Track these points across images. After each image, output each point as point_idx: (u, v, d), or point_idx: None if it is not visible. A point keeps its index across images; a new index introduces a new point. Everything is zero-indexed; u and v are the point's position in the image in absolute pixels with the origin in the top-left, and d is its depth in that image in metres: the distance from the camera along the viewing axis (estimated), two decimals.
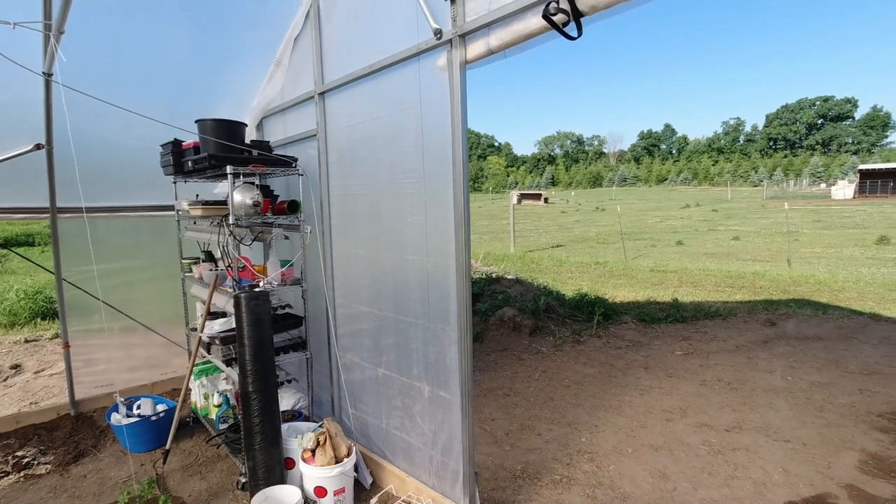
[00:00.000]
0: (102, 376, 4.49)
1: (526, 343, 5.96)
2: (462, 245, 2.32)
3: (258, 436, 2.82)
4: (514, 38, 1.98)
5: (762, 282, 9.89)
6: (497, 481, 3.09)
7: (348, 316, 3.26)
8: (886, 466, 3.15)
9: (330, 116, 3.19)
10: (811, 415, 3.91)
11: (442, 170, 2.38)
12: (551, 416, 4.01)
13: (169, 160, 3.37)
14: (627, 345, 5.85)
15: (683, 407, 4.11)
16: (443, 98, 2.31)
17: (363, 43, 2.84)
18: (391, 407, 2.97)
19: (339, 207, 3.22)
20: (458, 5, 2.16)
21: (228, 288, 3.17)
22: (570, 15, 1.72)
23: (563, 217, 33.97)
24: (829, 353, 5.37)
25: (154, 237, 4.55)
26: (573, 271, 11.97)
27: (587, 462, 3.29)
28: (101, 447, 3.77)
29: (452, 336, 2.45)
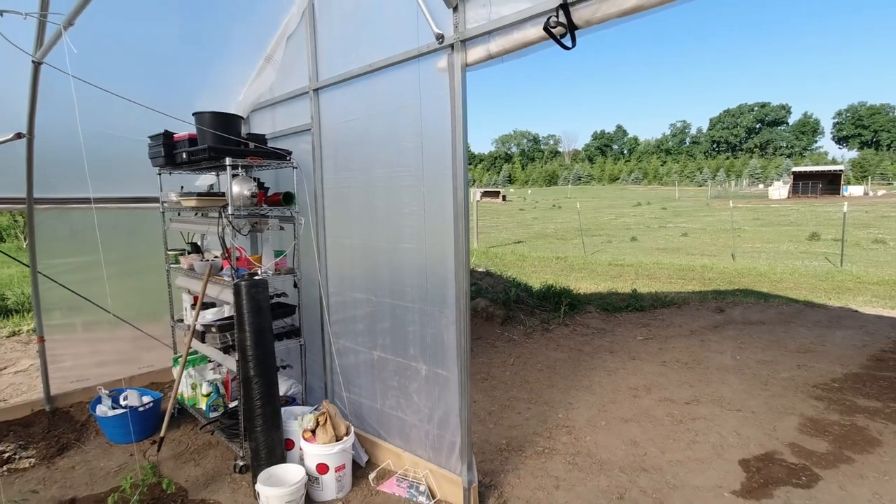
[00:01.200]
0: (74, 371, 4.41)
1: (498, 332, 6.24)
2: (461, 234, 2.52)
3: (259, 418, 2.93)
4: (513, 46, 2.21)
5: (710, 274, 10.63)
6: (485, 454, 3.33)
7: (342, 303, 3.41)
8: (821, 427, 3.62)
9: (324, 112, 3.32)
10: (758, 388, 4.37)
11: (442, 164, 2.57)
12: (528, 397, 4.29)
13: (159, 151, 3.40)
14: (593, 332, 6.23)
15: (647, 385, 4.49)
16: (443, 98, 2.51)
17: (360, 43, 2.99)
18: (386, 387, 3.15)
19: (333, 199, 3.36)
20: (460, 13, 2.36)
21: (226, 277, 3.25)
22: (567, 28, 1.96)
23: (522, 214, 34.74)
24: (771, 335, 5.94)
25: (132, 229, 4.51)
26: (536, 266, 12.41)
27: (565, 435, 3.58)
28: (85, 440, 3.74)
29: (450, 317, 2.66)
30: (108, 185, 4.24)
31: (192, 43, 3.57)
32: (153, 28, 3.32)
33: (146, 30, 3.31)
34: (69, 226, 4.21)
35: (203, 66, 3.76)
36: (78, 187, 4.01)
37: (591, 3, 1.91)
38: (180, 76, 3.78)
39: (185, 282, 3.81)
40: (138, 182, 4.27)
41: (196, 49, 3.62)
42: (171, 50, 3.56)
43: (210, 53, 3.67)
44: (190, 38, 3.52)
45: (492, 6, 2.25)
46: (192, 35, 3.51)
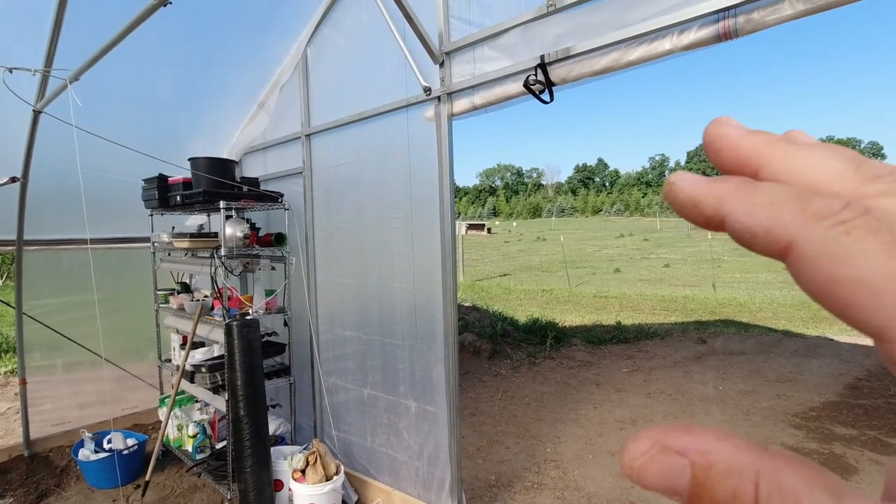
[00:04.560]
0: (55, 414, 4.33)
1: (486, 366, 6.28)
2: (449, 273, 2.64)
3: (249, 459, 2.93)
4: (496, 99, 2.38)
5: (692, 305, 10.85)
6: (474, 491, 3.34)
7: (332, 341, 3.46)
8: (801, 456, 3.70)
9: (316, 156, 3.46)
10: (740, 417, 4.47)
11: (429, 206, 2.70)
12: (516, 431, 4.32)
13: (153, 194, 3.48)
14: (579, 364, 6.31)
15: (633, 417, 4.56)
16: (430, 144, 2.66)
17: (351, 92, 3.16)
18: (376, 425, 3.18)
19: (324, 240, 3.46)
20: (446, 68, 2.55)
21: (217, 317, 3.29)
22: (545, 84, 2.14)
23: (507, 247, 35.08)
24: (752, 365, 6.08)
25: (118, 269, 4.53)
26: (522, 299, 12.52)
27: (553, 469, 3.61)
28: (66, 486, 3.66)
29: (439, 354, 2.73)
30: (99, 225, 4.29)
31: (187, 90, 3.72)
32: (150, 77, 3.45)
33: (143, 78, 3.45)
34: (57, 266, 4.22)
35: (198, 112, 3.90)
36: (69, 228, 4.06)
37: (566, 63, 2.09)
38: (175, 121, 3.91)
39: (174, 321, 3.83)
40: (129, 222, 4.33)
41: (191, 96, 3.76)
42: (167, 97, 3.69)
43: (205, 100, 3.81)
44: (185, 85, 3.67)
45: (476, 63, 2.44)
46: (188, 83, 3.65)
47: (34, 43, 2.64)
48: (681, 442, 0.17)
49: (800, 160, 0.19)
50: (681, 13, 1.76)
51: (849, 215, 0.16)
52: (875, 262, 0.15)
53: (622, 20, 1.93)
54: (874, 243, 0.15)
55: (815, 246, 0.16)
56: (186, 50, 3.42)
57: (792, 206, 0.17)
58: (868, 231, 0.15)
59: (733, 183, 0.19)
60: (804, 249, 0.16)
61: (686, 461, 0.16)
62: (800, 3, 1.53)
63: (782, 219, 0.17)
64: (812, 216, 0.16)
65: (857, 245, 0.15)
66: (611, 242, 35.34)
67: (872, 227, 0.15)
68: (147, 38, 2.97)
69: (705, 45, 1.76)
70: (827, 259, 0.15)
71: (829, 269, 0.15)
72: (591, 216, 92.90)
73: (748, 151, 0.20)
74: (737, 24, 1.66)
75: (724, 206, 0.18)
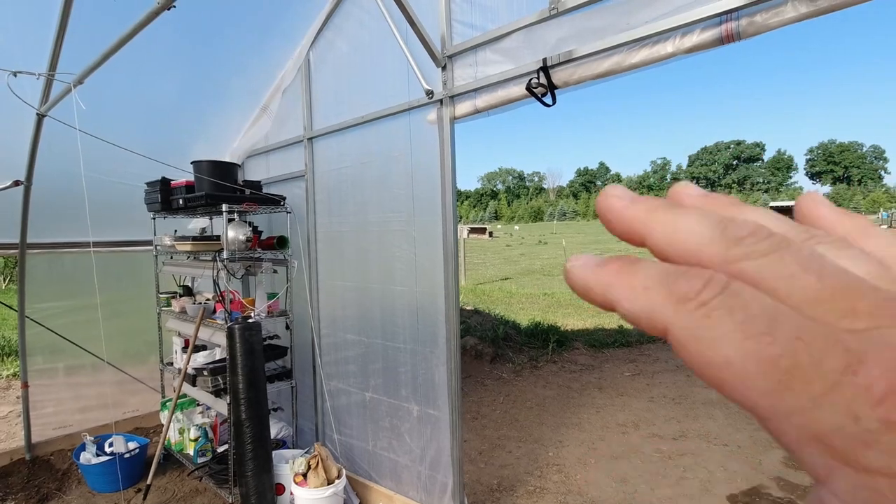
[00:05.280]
0: (56, 417, 4.33)
1: (488, 370, 6.26)
2: (451, 276, 2.63)
3: (251, 462, 2.93)
4: (498, 102, 2.38)
5: None
6: (476, 495, 3.32)
7: (333, 344, 3.45)
8: None
9: (318, 159, 3.46)
10: (743, 421, 4.44)
11: (432, 210, 2.70)
12: (519, 435, 4.31)
13: (156, 198, 3.49)
14: (581, 368, 6.29)
15: (636, 421, 4.54)
16: (432, 147, 2.67)
17: (353, 95, 3.17)
18: (378, 429, 3.17)
19: (326, 243, 3.46)
20: (448, 71, 2.55)
21: (219, 320, 3.29)
22: (547, 87, 2.14)
23: (509, 250, 35.07)
24: None
25: (121, 272, 4.53)
26: (524, 302, 12.50)
27: (556, 473, 3.60)
28: (67, 489, 3.66)
29: (441, 357, 2.73)
30: (102, 228, 4.30)
31: (190, 94, 3.73)
32: (153, 81, 3.47)
33: (146, 82, 3.46)
34: (60, 270, 4.23)
35: (201, 115, 3.91)
36: (72, 231, 4.08)
37: (568, 66, 2.10)
38: (178, 125, 3.92)
39: (176, 325, 3.83)
40: (131, 225, 4.34)
41: (194, 100, 3.77)
42: (170, 100, 3.70)
43: (208, 104, 3.82)
44: (188, 89, 3.68)
45: (478, 66, 2.44)
46: (191, 87, 3.66)
47: (38, 47, 2.65)
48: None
49: (673, 229, 0.19)
50: (683, 16, 1.76)
51: (708, 295, 0.16)
52: (734, 345, 0.15)
53: (624, 23, 1.93)
54: (730, 324, 0.15)
55: (684, 332, 0.16)
56: (189, 54, 3.43)
57: (661, 291, 0.17)
58: (725, 311, 0.15)
59: (615, 266, 0.19)
60: (676, 335, 0.16)
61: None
62: (802, 5, 1.53)
63: (655, 304, 0.17)
64: (678, 300, 0.16)
65: (716, 329, 0.15)
66: (613, 246, 35.30)
67: (728, 307, 0.15)
68: (150, 41, 2.99)
69: (708, 48, 1.76)
70: (695, 344, 0.16)
71: (699, 354, 0.16)
72: (593, 220, 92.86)
73: (634, 223, 0.20)
74: (739, 26, 1.66)
75: (610, 293, 0.19)
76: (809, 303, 0.15)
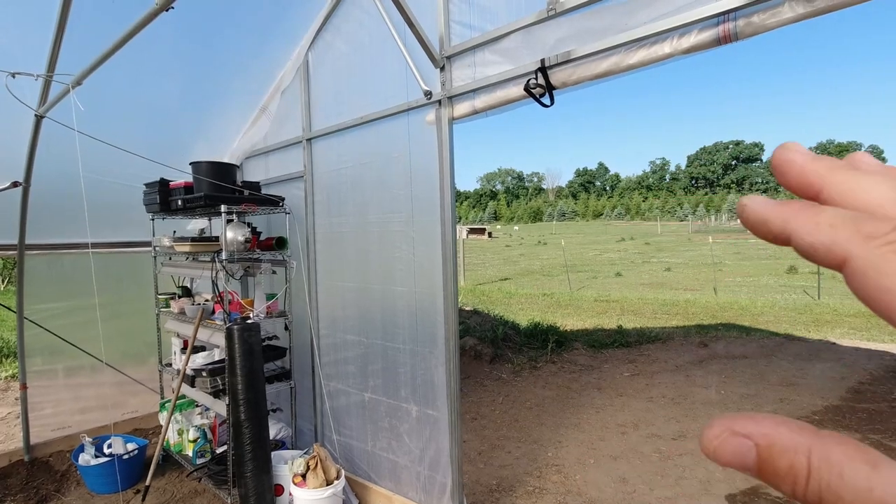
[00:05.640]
0: (55, 419, 4.33)
1: (487, 370, 6.26)
2: (450, 276, 2.63)
3: (250, 463, 2.93)
4: (497, 102, 2.38)
5: (694, 308, 10.82)
6: (476, 496, 3.32)
7: (332, 345, 3.45)
8: None
9: (317, 160, 3.46)
10: None
11: (430, 210, 2.71)
12: (518, 436, 4.30)
13: (154, 198, 3.49)
14: (580, 369, 6.29)
15: (635, 421, 4.54)
16: (431, 148, 2.67)
17: (352, 96, 3.17)
18: (377, 429, 3.17)
19: (325, 244, 3.46)
20: (446, 72, 2.55)
21: (217, 321, 3.29)
22: (545, 88, 2.14)
23: (508, 251, 35.07)
24: (754, 369, 6.06)
25: (120, 273, 4.53)
26: (523, 303, 12.50)
27: (555, 473, 3.60)
28: (65, 491, 3.65)
29: (440, 358, 2.73)
30: (101, 229, 4.29)
31: (190, 95, 3.73)
32: (153, 81, 3.47)
33: (146, 83, 3.46)
34: (59, 271, 4.23)
35: (200, 116, 3.91)
36: (71, 232, 4.08)
37: (566, 67, 2.10)
38: (177, 125, 3.92)
39: (175, 325, 3.83)
40: (130, 226, 4.34)
41: (194, 101, 3.77)
42: (170, 101, 3.70)
43: (207, 105, 3.82)
44: (188, 90, 3.68)
45: (476, 67, 2.45)
46: (191, 88, 3.66)
47: (37, 48, 2.65)
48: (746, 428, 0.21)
49: (855, 186, 0.22)
50: (681, 17, 1.76)
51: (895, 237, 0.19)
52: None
53: (622, 24, 1.94)
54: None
55: (866, 262, 0.19)
56: (189, 54, 3.43)
57: (848, 228, 0.20)
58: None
59: (797, 206, 0.22)
60: (857, 264, 0.19)
61: (751, 443, 0.20)
62: (799, 6, 1.53)
63: (839, 238, 0.20)
64: (864, 237, 0.19)
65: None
66: (612, 246, 35.31)
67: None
68: (150, 42, 2.99)
69: (705, 49, 1.76)
70: (875, 272, 0.18)
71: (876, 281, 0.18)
72: (592, 220, 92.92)
73: (812, 176, 0.23)
74: (737, 27, 1.66)
75: (790, 225, 0.22)
76: None
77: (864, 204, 0.21)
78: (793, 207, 0.22)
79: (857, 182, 0.22)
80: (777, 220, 0.22)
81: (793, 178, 0.23)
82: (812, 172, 0.23)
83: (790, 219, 0.22)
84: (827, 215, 0.21)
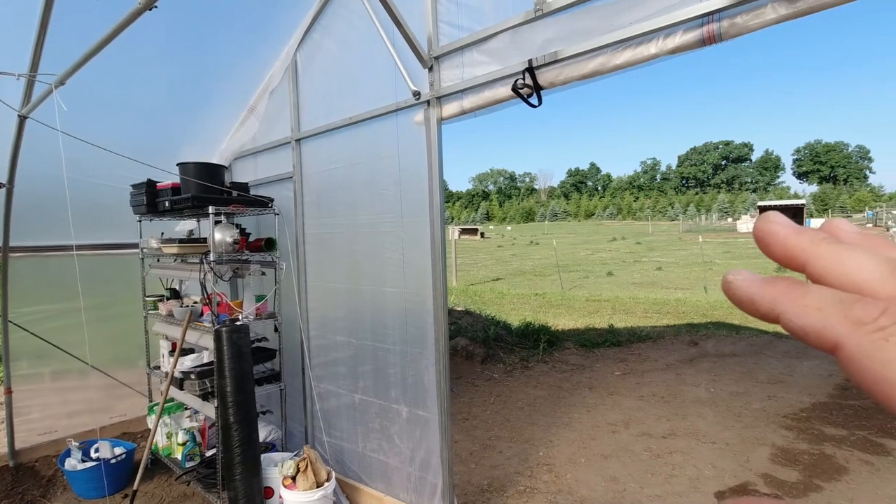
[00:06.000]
0: (42, 423, 4.27)
1: (479, 370, 6.26)
2: (439, 277, 2.63)
3: (239, 466, 2.90)
4: (485, 103, 2.39)
5: (684, 307, 10.90)
6: (467, 496, 3.32)
7: (323, 346, 3.44)
8: (792, 457, 3.73)
9: (306, 161, 3.45)
10: (731, 419, 4.49)
11: (420, 211, 2.70)
12: (509, 436, 4.31)
13: (142, 200, 3.45)
14: (572, 368, 6.31)
15: (626, 420, 4.56)
16: (420, 148, 2.66)
17: (341, 96, 3.16)
18: (368, 430, 3.16)
19: (315, 245, 3.45)
20: (435, 73, 2.55)
21: (206, 323, 3.26)
22: (533, 88, 2.15)
23: (500, 251, 35.11)
24: (743, 367, 6.11)
25: (107, 275, 4.48)
26: (515, 303, 12.53)
27: (546, 473, 3.60)
28: (52, 496, 3.61)
29: (430, 359, 2.72)
30: (87, 231, 4.24)
31: (177, 95, 3.70)
32: (139, 82, 3.43)
33: (132, 84, 3.43)
34: (44, 273, 4.17)
35: (188, 117, 3.88)
36: (56, 235, 4.02)
37: (554, 67, 2.11)
38: (164, 126, 3.89)
39: (163, 328, 3.79)
40: (117, 228, 4.29)
41: (181, 101, 3.74)
42: (157, 102, 3.67)
43: (195, 106, 3.80)
44: (175, 91, 3.65)
45: (464, 67, 2.45)
46: (178, 88, 3.64)
47: (19, 47, 2.61)
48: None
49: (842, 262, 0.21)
50: (666, 17, 1.77)
51: (885, 322, 0.18)
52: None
53: (609, 24, 1.95)
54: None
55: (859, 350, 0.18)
56: (175, 54, 3.40)
57: (836, 312, 0.19)
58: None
59: (783, 286, 0.22)
60: (851, 351, 0.19)
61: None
62: (782, 7, 1.54)
63: (829, 322, 0.19)
64: (854, 322, 0.19)
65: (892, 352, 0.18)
66: (603, 246, 35.48)
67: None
68: (136, 42, 2.97)
69: (690, 49, 1.77)
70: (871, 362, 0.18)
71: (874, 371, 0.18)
72: (584, 220, 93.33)
73: (795, 250, 0.23)
74: (721, 28, 1.68)
75: (777, 307, 0.21)
76: None
77: (851, 283, 0.21)
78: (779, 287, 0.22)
79: (841, 258, 0.21)
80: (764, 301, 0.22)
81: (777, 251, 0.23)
82: (794, 247, 0.23)
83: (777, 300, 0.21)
84: (814, 297, 0.20)
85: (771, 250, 0.24)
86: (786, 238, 0.23)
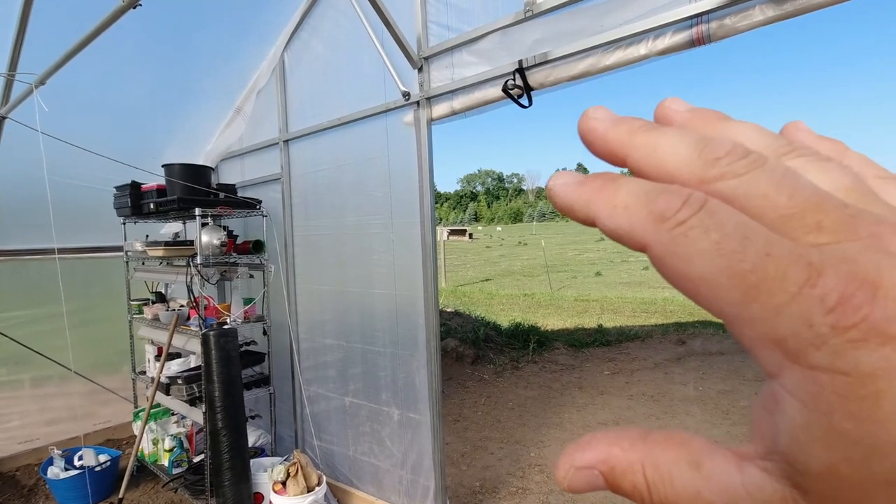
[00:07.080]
0: (22, 431, 4.17)
1: (469, 371, 6.26)
2: (430, 278, 2.62)
3: (228, 472, 2.86)
4: (475, 103, 2.38)
5: (671, 306, 11.01)
6: (459, 498, 3.31)
7: (312, 349, 3.40)
8: None
9: (294, 162, 3.41)
10: (720, 417, 4.53)
11: (410, 212, 2.69)
12: (501, 437, 4.31)
13: (125, 202, 3.39)
14: (561, 368, 6.33)
15: (616, 419, 4.58)
16: (410, 149, 2.65)
17: (330, 97, 3.13)
18: (359, 434, 3.13)
19: (304, 247, 3.41)
20: (425, 73, 2.54)
21: (193, 327, 3.21)
22: (523, 89, 2.15)
23: (489, 252, 35.20)
24: (730, 365, 6.19)
25: (89, 279, 4.38)
26: (504, 303, 12.55)
27: (538, 474, 3.60)
28: None
29: (421, 360, 2.71)
30: (69, 234, 4.15)
31: (161, 96, 3.64)
32: (123, 83, 3.37)
33: (115, 83, 3.36)
34: (24, 278, 4.08)
35: (173, 118, 3.81)
36: (36, 238, 3.93)
37: (543, 68, 2.11)
38: (149, 127, 3.82)
39: (148, 332, 3.72)
40: (100, 231, 4.20)
41: (166, 102, 3.68)
42: (141, 103, 3.61)
43: (180, 106, 3.74)
44: (159, 90, 3.59)
45: (454, 68, 2.44)
46: (162, 88, 3.57)
47: None
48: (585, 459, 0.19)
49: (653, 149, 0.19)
50: (656, 18, 1.78)
51: (685, 214, 0.17)
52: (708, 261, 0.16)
53: (598, 25, 1.95)
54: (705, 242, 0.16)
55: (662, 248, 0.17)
56: (160, 54, 3.34)
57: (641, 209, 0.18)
58: (701, 231, 0.16)
59: (598, 183, 0.19)
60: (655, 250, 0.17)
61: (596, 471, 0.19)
62: (769, 9, 1.56)
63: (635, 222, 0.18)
64: (656, 218, 0.17)
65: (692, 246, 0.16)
66: (591, 246, 35.74)
67: (704, 226, 0.16)
68: (120, 41, 2.91)
69: (680, 50, 1.78)
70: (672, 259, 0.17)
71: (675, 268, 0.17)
72: (572, 221, 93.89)
73: (614, 143, 0.20)
74: (709, 29, 1.69)
75: (591, 210, 0.19)
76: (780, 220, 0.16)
77: (662, 171, 0.19)
78: (594, 185, 0.19)
79: (655, 144, 0.19)
80: (580, 205, 0.20)
81: (597, 149, 0.21)
82: (613, 140, 0.20)
83: (591, 201, 0.19)
84: (622, 194, 0.18)
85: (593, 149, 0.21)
86: (605, 133, 0.21)
